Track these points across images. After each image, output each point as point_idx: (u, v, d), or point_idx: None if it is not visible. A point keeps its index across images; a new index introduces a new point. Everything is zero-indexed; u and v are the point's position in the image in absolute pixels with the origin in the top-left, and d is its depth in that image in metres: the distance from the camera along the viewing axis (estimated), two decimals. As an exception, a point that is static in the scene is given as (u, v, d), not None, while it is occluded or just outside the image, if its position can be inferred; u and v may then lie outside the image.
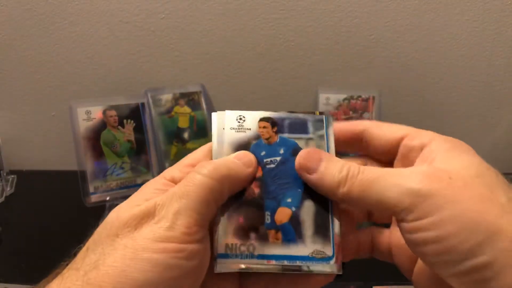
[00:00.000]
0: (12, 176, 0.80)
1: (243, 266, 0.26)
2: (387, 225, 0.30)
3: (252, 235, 0.26)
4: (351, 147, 0.29)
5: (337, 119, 0.78)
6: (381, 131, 0.27)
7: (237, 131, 0.28)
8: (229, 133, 0.28)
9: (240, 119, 0.28)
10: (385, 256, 0.29)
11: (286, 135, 0.28)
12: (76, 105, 0.71)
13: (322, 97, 0.78)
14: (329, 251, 0.26)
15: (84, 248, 0.23)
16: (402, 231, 0.23)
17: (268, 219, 0.26)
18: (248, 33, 0.76)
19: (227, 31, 0.76)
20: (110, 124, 0.73)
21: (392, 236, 0.28)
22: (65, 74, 0.79)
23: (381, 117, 0.78)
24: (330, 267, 0.26)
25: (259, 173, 0.27)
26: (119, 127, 0.74)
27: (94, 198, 0.71)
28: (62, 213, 0.73)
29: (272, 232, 0.26)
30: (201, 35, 0.76)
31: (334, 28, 0.75)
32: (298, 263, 0.25)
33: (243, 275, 0.28)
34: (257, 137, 0.28)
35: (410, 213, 0.22)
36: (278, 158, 0.27)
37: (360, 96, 0.78)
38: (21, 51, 0.77)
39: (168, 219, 0.22)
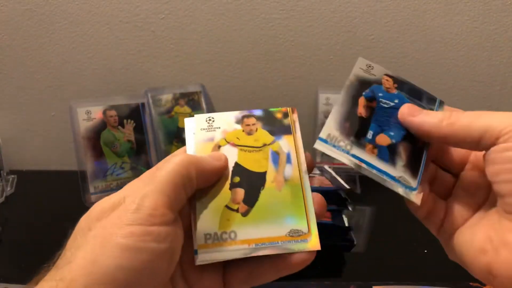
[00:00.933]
0: (12, 176, 0.80)
1: (221, 255, 0.27)
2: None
3: (353, 138, 0.29)
4: None
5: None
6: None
7: (364, 72, 0.32)
8: (358, 70, 0.32)
9: (369, 66, 0.32)
10: (438, 227, 0.30)
11: (403, 94, 0.31)
12: (76, 105, 0.71)
13: (322, 97, 0.78)
14: (414, 183, 0.28)
15: (63, 250, 0.23)
16: (498, 151, 0.24)
17: (370, 136, 0.29)
18: (248, 33, 0.76)
19: (227, 31, 0.76)
20: (110, 124, 0.73)
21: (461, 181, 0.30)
22: (65, 74, 0.79)
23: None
24: (412, 196, 0.28)
25: (373, 104, 0.30)
26: (119, 127, 0.74)
27: (94, 198, 0.71)
28: (62, 213, 0.73)
29: (370, 146, 0.29)
30: (201, 35, 0.76)
31: (334, 28, 0.75)
32: (385, 177, 0.28)
33: (226, 264, 0.28)
34: (380, 83, 0.31)
35: None
36: (392, 103, 0.31)
37: (360, 96, 0.78)
38: (21, 51, 0.77)
39: (135, 202, 0.23)
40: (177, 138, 0.76)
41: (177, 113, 0.76)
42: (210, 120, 0.31)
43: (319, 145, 0.28)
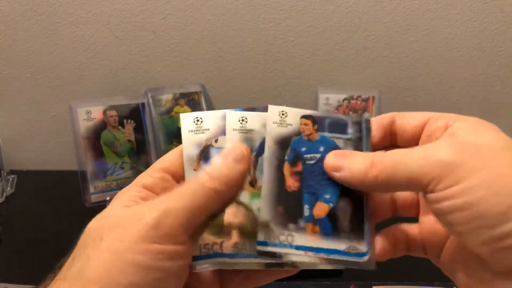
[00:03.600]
0: (12, 176, 0.80)
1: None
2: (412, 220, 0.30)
3: (291, 226, 0.26)
4: (384, 141, 0.29)
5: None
6: (405, 118, 0.28)
7: (279, 126, 0.28)
8: (272, 127, 0.28)
9: (283, 114, 0.29)
10: (419, 250, 0.29)
11: (326, 134, 0.29)
12: (76, 105, 0.71)
13: (322, 97, 0.78)
14: (363, 247, 0.27)
15: (70, 258, 0.23)
16: (432, 202, 0.22)
17: (306, 212, 0.27)
18: (248, 33, 0.76)
19: (227, 31, 0.76)
20: (110, 124, 0.73)
21: (422, 226, 0.29)
22: (65, 74, 0.79)
23: (381, 117, 0.78)
24: (364, 263, 0.26)
25: (299, 168, 0.28)
26: (119, 127, 0.74)
27: (94, 198, 0.71)
28: (62, 213, 0.73)
29: (310, 225, 0.27)
30: (201, 35, 0.76)
31: (334, 28, 0.75)
32: (334, 256, 0.26)
33: (223, 270, 0.28)
34: (298, 133, 0.28)
35: (440, 182, 0.21)
36: (318, 155, 0.28)
37: (360, 96, 0.78)
38: (21, 51, 0.77)
39: (154, 217, 0.22)
40: (177, 138, 0.76)
41: (177, 113, 0.76)
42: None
43: (261, 251, 0.26)
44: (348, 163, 0.26)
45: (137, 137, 0.75)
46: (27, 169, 0.85)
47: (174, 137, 0.76)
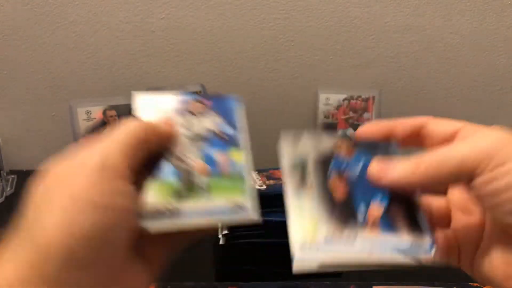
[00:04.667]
0: (12, 176, 0.80)
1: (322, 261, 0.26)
2: None
3: (350, 225, 0.27)
4: (409, 142, 0.30)
5: (337, 119, 0.78)
6: (437, 125, 0.29)
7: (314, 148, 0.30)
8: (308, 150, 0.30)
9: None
10: (454, 254, 0.30)
11: (360, 151, 0.30)
12: (76, 105, 0.71)
13: (322, 97, 0.78)
14: (427, 241, 0.27)
15: (23, 216, 0.23)
16: (481, 185, 0.24)
17: (362, 214, 0.27)
18: (248, 33, 0.76)
19: (227, 31, 0.76)
20: (110, 124, 0.73)
21: (455, 229, 0.30)
22: (65, 74, 0.79)
23: (381, 117, 0.78)
24: (433, 257, 0.26)
25: (344, 181, 0.29)
26: (119, 127, 0.74)
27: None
28: (62, 213, 0.73)
29: (369, 224, 0.27)
30: (201, 35, 0.76)
31: (334, 28, 0.75)
32: (399, 255, 0.26)
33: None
34: (334, 153, 0.30)
35: (490, 163, 0.23)
36: (359, 168, 0.29)
37: (360, 96, 0.78)
38: (21, 51, 0.77)
39: (99, 161, 0.23)
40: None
41: (177, 113, 0.76)
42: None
43: (322, 253, 0.25)
44: (393, 167, 0.27)
45: (137, 137, 0.75)
46: (27, 169, 0.85)
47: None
